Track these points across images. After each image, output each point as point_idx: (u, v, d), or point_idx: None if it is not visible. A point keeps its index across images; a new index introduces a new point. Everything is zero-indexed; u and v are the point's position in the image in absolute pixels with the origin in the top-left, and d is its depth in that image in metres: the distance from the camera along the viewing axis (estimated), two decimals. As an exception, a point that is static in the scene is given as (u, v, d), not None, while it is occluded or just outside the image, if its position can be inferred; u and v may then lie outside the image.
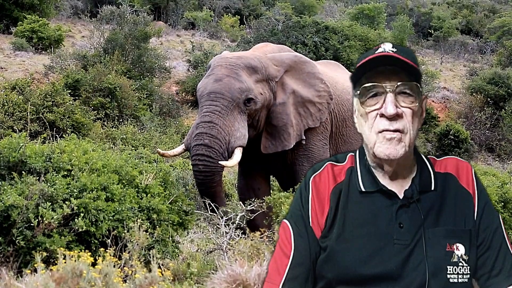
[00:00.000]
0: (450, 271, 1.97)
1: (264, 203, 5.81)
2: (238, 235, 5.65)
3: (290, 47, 21.27)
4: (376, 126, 1.99)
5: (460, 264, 1.99)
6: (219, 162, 5.84)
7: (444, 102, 26.74)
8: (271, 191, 7.05)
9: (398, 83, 1.97)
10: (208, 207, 5.93)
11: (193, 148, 5.98)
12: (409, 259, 1.96)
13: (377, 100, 1.99)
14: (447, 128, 21.86)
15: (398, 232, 1.98)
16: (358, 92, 2.03)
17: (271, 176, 7.65)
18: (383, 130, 1.97)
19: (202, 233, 6.71)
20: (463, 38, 42.25)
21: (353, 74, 2.05)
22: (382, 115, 1.97)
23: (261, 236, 5.27)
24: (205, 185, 5.92)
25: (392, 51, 1.99)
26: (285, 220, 2.14)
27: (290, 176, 6.86)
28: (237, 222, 5.82)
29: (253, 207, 5.85)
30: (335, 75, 7.71)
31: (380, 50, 2.00)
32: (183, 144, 6.33)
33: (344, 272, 1.99)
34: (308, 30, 24.64)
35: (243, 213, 5.84)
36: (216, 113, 6.02)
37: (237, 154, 6.01)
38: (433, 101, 26.20)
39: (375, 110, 1.99)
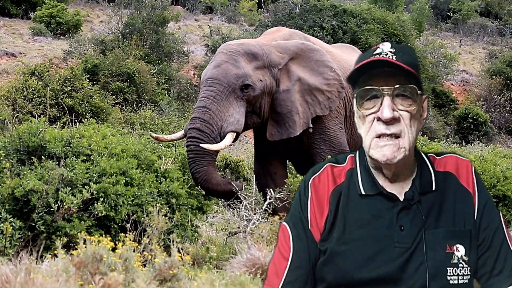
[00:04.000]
0: (450, 272, 1.95)
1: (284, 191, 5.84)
2: (258, 220, 5.67)
3: (307, 30, 21.36)
4: (373, 130, 1.97)
5: (460, 265, 1.97)
6: (201, 145, 5.86)
7: (463, 85, 26.58)
8: (288, 175, 7.03)
9: (395, 86, 1.95)
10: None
11: (188, 131, 6.06)
12: (409, 262, 1.95)
13: (374, 103, 1.96)
14: (466, 111, 21.75)
15: (398, 235, 1.97)
16: (356, 94, 2.01)
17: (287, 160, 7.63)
18: (380, 135, 1.95)
19: (222, 214, 6.74)
20: (482, 20, 41.81)
21: (350, 76, 2.02)
22: (379, 119, 1.96)
23: (280, 220, 5.28)
24: (196, 163, 5.96)
25: (391, 52, 1.96)
26: (284, 223, 2.13)
27: (306, 160, 6.84)
28: (264, 208, 5.84)
29: (281, 196, 5.88)
30: (350, 58, 7.65)
31: (378, 51, 1.98)
32: (183, 130, 6.37)
33: (343, 275, 1.98)
34: (325, 14, 24.47)
35: (271, 200, 5.86)
36: (211, 98, 6.10)
37: (227, 139, 6.06)
38: (452, 84, 26.04)
39: (372, 113, 1.97)
